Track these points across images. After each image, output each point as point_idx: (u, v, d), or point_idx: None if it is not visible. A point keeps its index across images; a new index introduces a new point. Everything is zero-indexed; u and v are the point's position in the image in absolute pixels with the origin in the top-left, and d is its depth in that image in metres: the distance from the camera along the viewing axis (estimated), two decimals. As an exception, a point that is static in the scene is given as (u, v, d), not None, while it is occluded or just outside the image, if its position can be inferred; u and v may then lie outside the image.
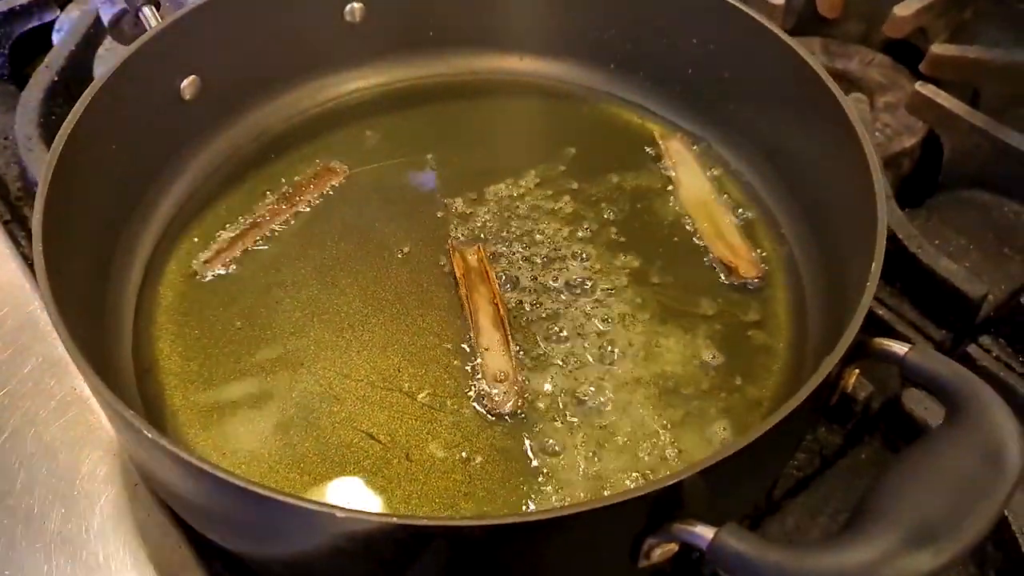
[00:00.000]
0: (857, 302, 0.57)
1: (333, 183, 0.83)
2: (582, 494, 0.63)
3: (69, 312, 0.57)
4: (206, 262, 0.77)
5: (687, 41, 0.84)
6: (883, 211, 0.61)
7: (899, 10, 0.99)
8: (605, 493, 0.63)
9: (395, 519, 0.48)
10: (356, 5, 0.86)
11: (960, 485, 0.47)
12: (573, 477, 0.64)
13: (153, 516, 0.64)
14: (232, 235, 0.79)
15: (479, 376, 0.69)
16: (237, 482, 0.49)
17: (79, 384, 0.70)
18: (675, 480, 0.50)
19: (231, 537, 0.59)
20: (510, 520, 0.48)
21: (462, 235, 0.79)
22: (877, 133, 0.93)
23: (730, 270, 0.76)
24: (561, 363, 0.70)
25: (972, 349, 0.75)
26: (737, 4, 0.79)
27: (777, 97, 0.79)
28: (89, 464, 0.67)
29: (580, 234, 0.79)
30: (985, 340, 0.75)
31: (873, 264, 0.58)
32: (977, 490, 0.46)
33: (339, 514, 0.48)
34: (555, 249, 0.78)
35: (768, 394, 0.70)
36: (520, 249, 0.78)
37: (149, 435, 0.51)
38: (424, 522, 0.49)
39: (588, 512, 0.48)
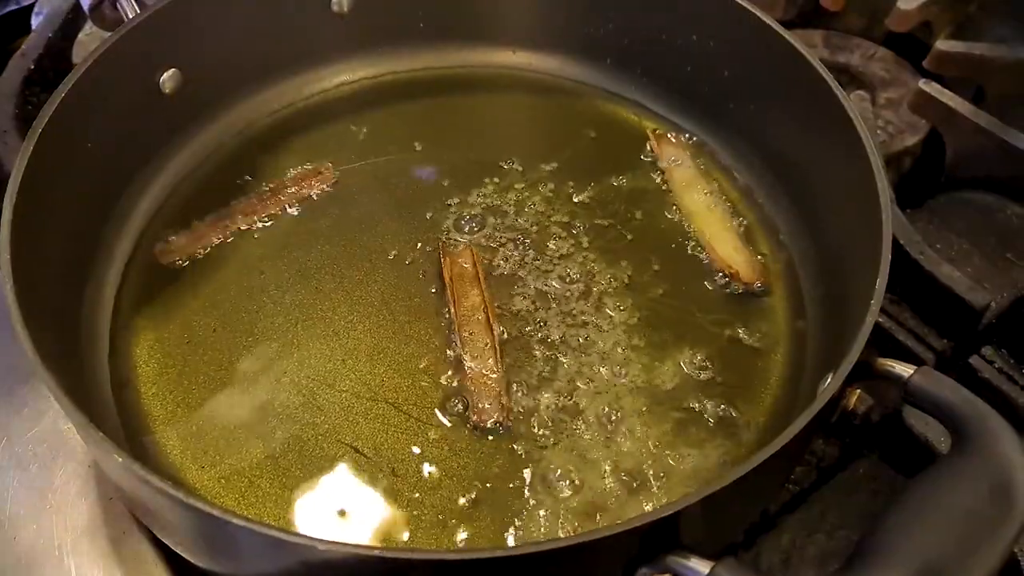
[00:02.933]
0: (860, 319, 0.55)
1: (319, 185, 0.80)
2: (571, 517, 0.61)
3: (39, 323, 0.55)
4: (175, 251, 0.75)
5: (686, 37, 0.81)
6: (888, 226, 0.59)
7: (903, 4, 0.96)
8: (596, 516, 0.61)
9: (376, 551, 0.46)
10: (345, -6, 0.83)
11: (966, 522, 0.45)
12: (562, 494, 0.62)
13: (129, 533, 0.62)
14: (210, 228, 0.77)
15: (466, 388, 0.67)
16: (215, 512, 0.47)
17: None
18: (671, 511, 0.48)
19: (209, 559, 0.57)
20: (498, 554, 0.46)
21: (452, 237, 0.76)
22: (879, 131, 0.91)
23: (731, 276, 0.74)
24: (551, 373, 0.68)
25: (974, 360, 0.73)
26: (743, 3, 0.76)
27: (778, 97, 0.77)
28: (62, 476, 0.65)
29: (574, 237, 0.77)
30: (987, 351, 0.74)
31: (877, 282, 0.56)
32: (984, 527, 0.45)
33: (320, 546, 0.46)
34: (547, 253, 0.76)
35: (765, 406, 0.68)
36: (511, 252, 0.76)
37: (120, 459, 0.49)
38: (407, 555, 0.47)
39: (578, 546, 0.46)
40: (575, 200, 0.79)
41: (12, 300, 0.54)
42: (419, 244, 0.76)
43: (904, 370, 0.54)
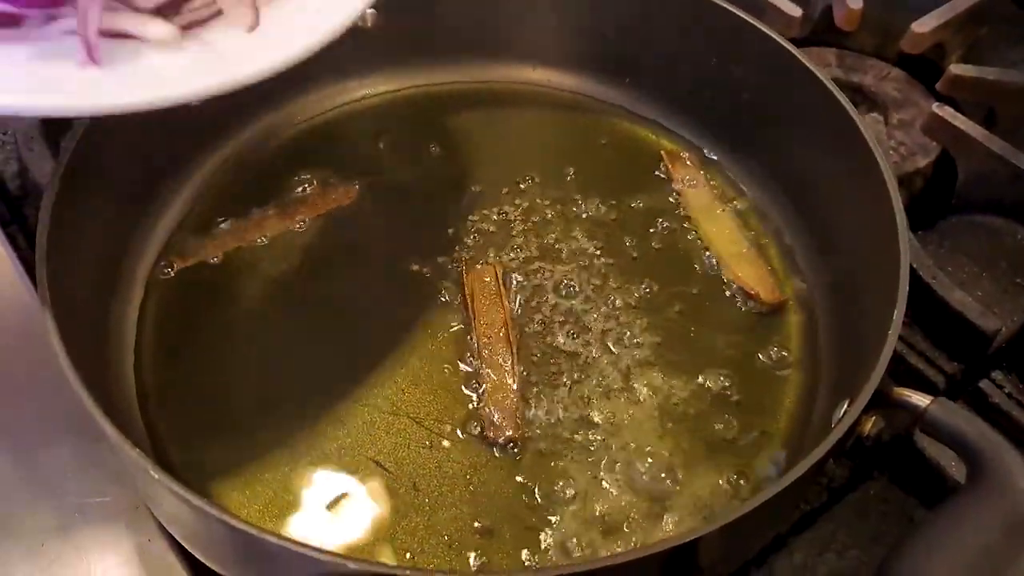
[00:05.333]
0: (878, 349, 0.57)
1: (341, 198, 0.81)
2: (587, 536, 0.62)
3: (73, 341, 0.56)
4: (195, 255, 0.76)
5: (704, 59, 0.82)
6: (906, 256, 0.60)
7: (917, 27, 0.97)
8: (612, 537, 0.62)
9: (408, 572, 0.47)
10: (368, 10, 0.84)
11: (982, 558, 0.46)
12: (579, 512, 0.64)
13: (154, 541, 0.63)
14: (231, 236, 0.78)
15: (483, 403, 0.68)
16: (238, 525, 0.48)
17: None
18: (690, 539, 0.49)
19: (233, 568, 0.58)
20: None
21: (473, 253, 0.77)
22: (891, 151, 0.92)
23: (751, 296, 0.75)
24: (568, 391, 0.70)
25: (984, 384, 0.74)
26: (759, 25, 0.77)
27: (795, 121, 0.78)
28: (91, 484, 0.66)
29: (592, 255, 0.78)
30: (997, 375, 0.75)
31: (895, 313, 0.58)
32: (999, 564, 0.46)
33: (352, 564, 0.47)
34: (565, 270, 0.77)
35: (780, 426, 0.70)
36: (530, 269, 0.77)
37: (156, 476, 0.50)
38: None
39: (594, 571, 0.48)
40: (593, 218, 0.81)
41: (53, 327, 0.55)
42: (440, 259, 0.77)
43: (920, 400, 0.55)
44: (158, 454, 0.65)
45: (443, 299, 0.74)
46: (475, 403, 0.68)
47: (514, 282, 0.76)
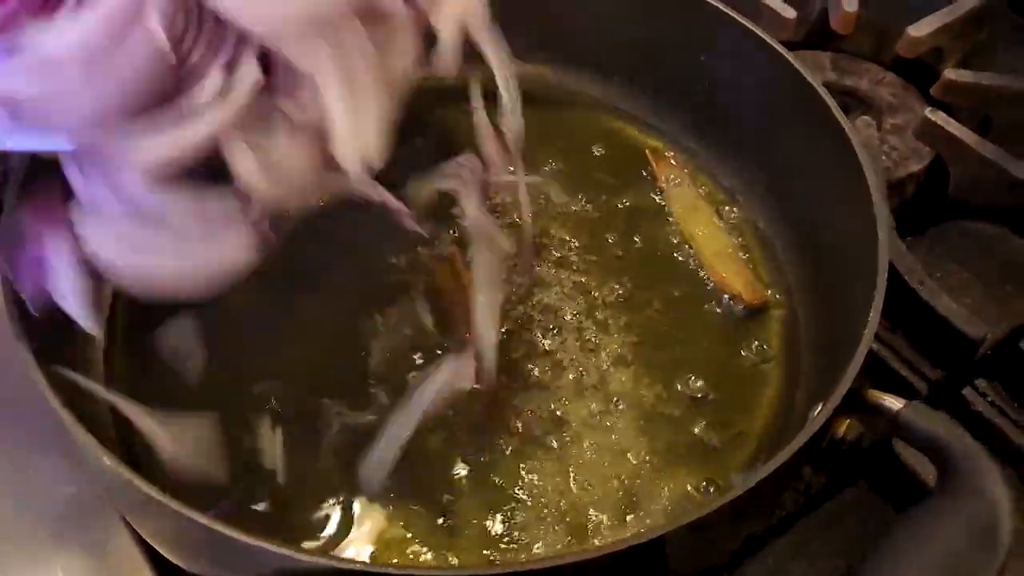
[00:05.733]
0: (852, 350, 0.55)
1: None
2: (558, 535, 0.61)
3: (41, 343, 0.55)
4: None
5: (695, 58, 0.81)
6: (884, 260, 0.59)
7: (913, 30, 0.96)
8: (584, 535, 0.61)
9: (359, 566, 0.46)
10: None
11: (950, 563, 0.45)
12: (549, 510, 0.63)
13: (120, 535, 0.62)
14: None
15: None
16: (199, 519, 0.47)
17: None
18: (653, 536, 0.48)
19: (198, 564, 0.57)
20: (480, 572, 0.46)
21: (450, 248, 0.76)
22: (884, 156, 0.91)
23: (733, 298, 0.74)
24: (542, 388, 0.68)
25: (967, 392, 0.73)
26: (752, 27, 0.76)
27: (783, 123, 0.76)
28: (53, 472, 0.64)
29: (574, 251, 0.77)
30: (981, 383, 0.74)
31: (871, 314, 0.56)
32: (967, 569, 0.45)
33: (322, 561, 0.46)
34: (546, 266, 0.76)
35: (757, 428, 0.69)
36: (509, 264, 0.75)
37: (108, 462, 0.49)
38: (394, 571, 0.47)
39: (558, 568, 0.46)
40: (577, 214, 0.80)
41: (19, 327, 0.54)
42: (419, 251, 0.76)
43: (894, 403, 0.54)
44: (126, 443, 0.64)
45: (416, 292, 0.73)
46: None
47: (490, 276, 0.74)
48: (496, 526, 0.61)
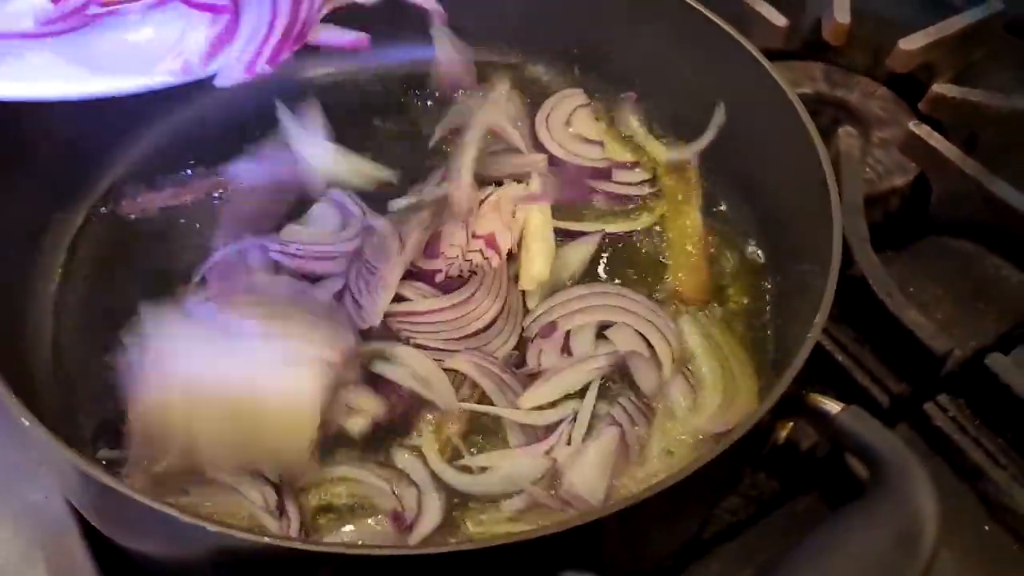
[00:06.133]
0: (793, 355, 0.55)
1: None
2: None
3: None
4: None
5: (684, 65, 0.82)
6: (836, 260, 0.59)
7: (904, 44, 0.95)
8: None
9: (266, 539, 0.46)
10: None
11: (871, 567, 0.44)
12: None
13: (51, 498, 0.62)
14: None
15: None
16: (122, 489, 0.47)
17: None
18: (582, 522, 0.47)
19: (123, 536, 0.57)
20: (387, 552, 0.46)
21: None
22: (868, 169, 0.90)
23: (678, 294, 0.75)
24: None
25: (928, 407, 0.72)
26: (736, 35, 0.77)
27: (758, 125, 0.76)
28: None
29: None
30: (943, 399, 0.73)
31: (818, 315, 0.56)
32: (887, 574, 0.44)
33: (240, 535, 0.46)
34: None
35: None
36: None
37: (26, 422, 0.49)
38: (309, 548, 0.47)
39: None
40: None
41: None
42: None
43: (832, 407, 0.53)
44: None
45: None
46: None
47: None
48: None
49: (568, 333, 0.69)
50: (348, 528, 0.59)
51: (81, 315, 0.71)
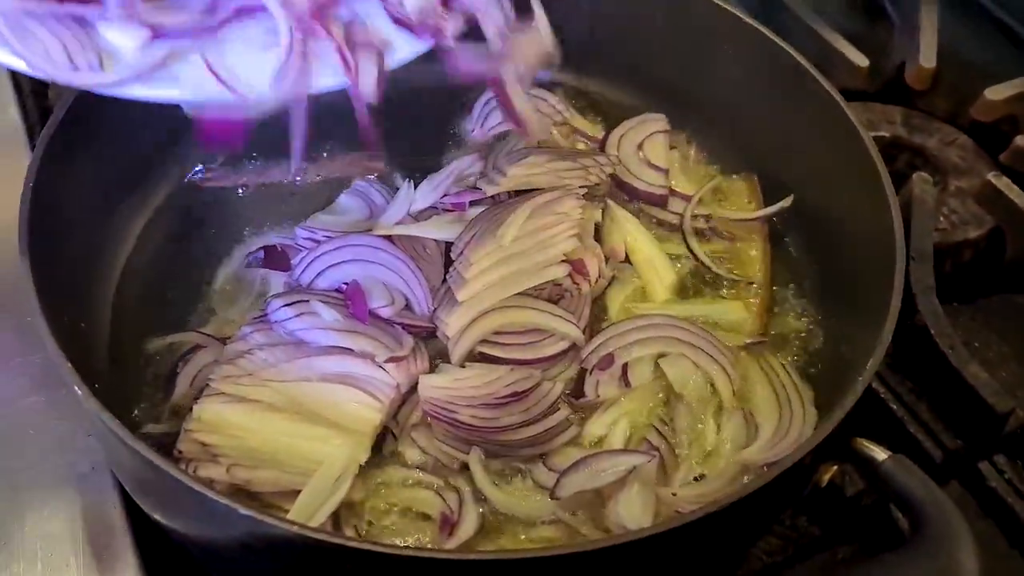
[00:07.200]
0: (844, 398, 0.54)
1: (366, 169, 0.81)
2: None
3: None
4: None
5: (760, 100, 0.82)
6: (895, 305, 0.57)
7: (991, 93, 0.93)
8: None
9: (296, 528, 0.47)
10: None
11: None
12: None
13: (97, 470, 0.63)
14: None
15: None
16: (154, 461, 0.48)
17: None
18: (598, 547, 0.47)
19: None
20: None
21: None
22: (942, 218, 0.88)
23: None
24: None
25: (983, 466, 0.70)
26: (815, 73, 0.76)
27: (830, 159, 0.75)
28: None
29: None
30: (1000, 459, 0.70)
31: (871, 360, 0.54)
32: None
33: (283, 526, 0.47)
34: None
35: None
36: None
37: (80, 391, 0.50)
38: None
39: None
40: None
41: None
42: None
43: (878, 454, 0.51)
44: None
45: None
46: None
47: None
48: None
49: (626, 365, 0.68)
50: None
51: (143, 293, 0.73)
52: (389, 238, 0.71)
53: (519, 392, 0.63)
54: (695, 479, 0.63)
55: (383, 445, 0.64)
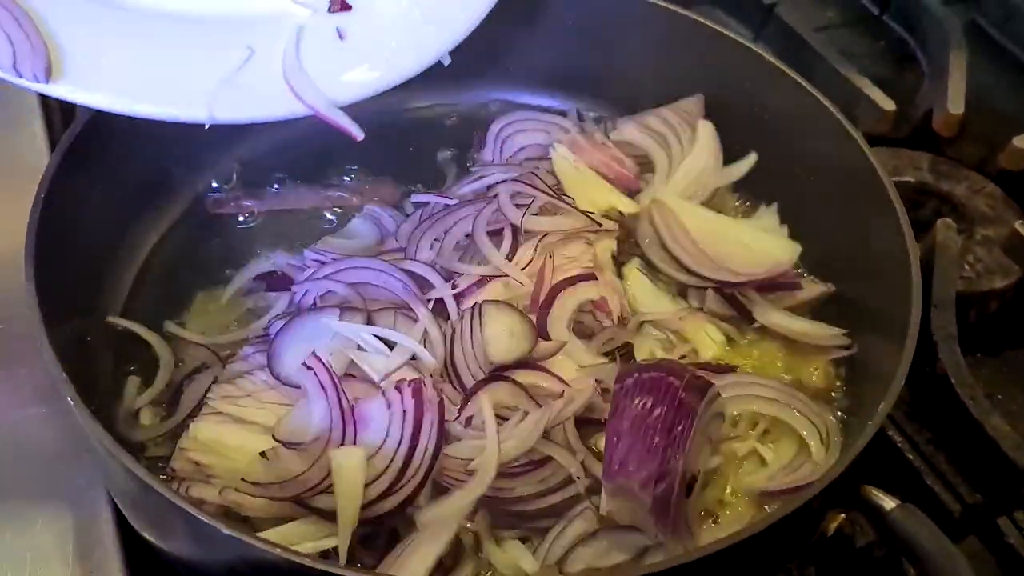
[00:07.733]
0: (854, 443, 0.52)
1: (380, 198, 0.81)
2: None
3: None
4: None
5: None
6: (910, 350, 0.56)
7: (1019, 142, 0.91)
8: None
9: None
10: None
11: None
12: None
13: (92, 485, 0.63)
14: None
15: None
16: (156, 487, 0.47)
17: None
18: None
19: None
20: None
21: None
22: (967, 267, 0.86)
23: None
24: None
25: (1002, 522, 0.67)
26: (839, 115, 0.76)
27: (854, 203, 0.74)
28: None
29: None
30: (1020, 515, 0.68)
31: (882, 405, 0.53)
32: None
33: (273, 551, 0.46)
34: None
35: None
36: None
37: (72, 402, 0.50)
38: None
39: None
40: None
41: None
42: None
43: (887, 503, 0.50)
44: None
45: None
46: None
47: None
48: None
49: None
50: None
51: (149, 303, 0.74)
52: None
53: (535, 461, 0.60)
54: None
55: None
